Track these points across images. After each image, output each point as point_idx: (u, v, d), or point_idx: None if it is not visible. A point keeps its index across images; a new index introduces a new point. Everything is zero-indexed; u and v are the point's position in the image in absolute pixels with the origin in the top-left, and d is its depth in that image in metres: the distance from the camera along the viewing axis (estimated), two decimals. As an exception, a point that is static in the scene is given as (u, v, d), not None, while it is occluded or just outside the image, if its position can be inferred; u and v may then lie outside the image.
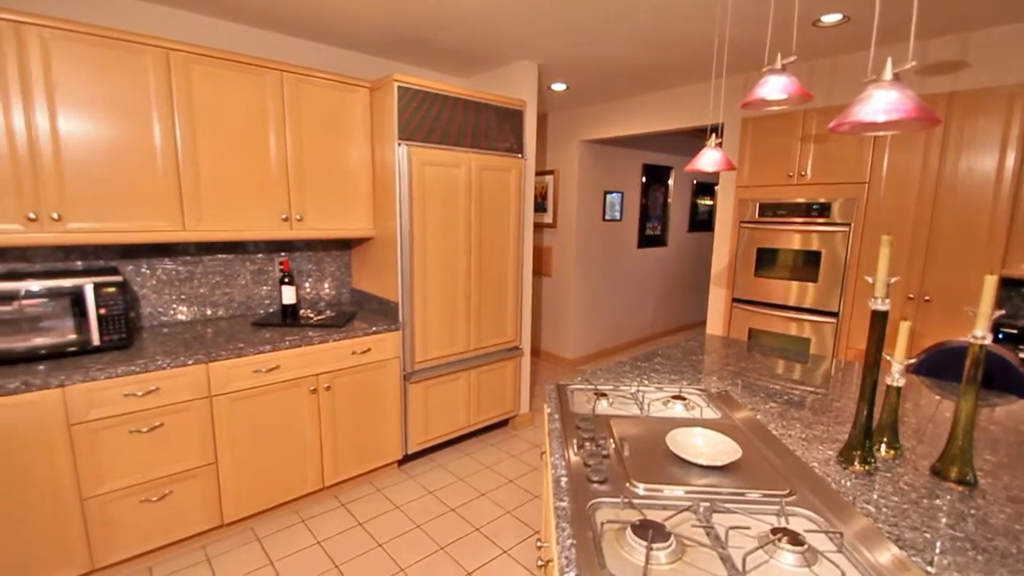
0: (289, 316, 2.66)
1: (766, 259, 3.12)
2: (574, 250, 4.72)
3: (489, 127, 2.94)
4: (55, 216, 1.96)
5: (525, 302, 3.40)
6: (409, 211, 2.63)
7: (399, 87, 2.54)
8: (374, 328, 2.61)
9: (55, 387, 1.80)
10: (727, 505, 1.06)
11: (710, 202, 6.41)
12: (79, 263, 2.32)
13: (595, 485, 1.12)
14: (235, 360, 2.19)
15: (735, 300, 3.31)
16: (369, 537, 2.34)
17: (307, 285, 3.05)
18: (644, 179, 5.33)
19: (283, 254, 2.92)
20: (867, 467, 1.21)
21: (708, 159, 2.00)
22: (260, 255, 2.84)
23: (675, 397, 1.63)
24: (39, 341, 1.93)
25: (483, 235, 2.99)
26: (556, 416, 1.47)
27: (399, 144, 2.57)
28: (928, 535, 0.97)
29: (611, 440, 1.34)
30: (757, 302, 3.20)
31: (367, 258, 2.99)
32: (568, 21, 2.51)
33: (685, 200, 6.01)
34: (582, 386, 1.73)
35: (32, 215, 1.92)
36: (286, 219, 2.54)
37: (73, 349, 2.00)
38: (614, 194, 5.00)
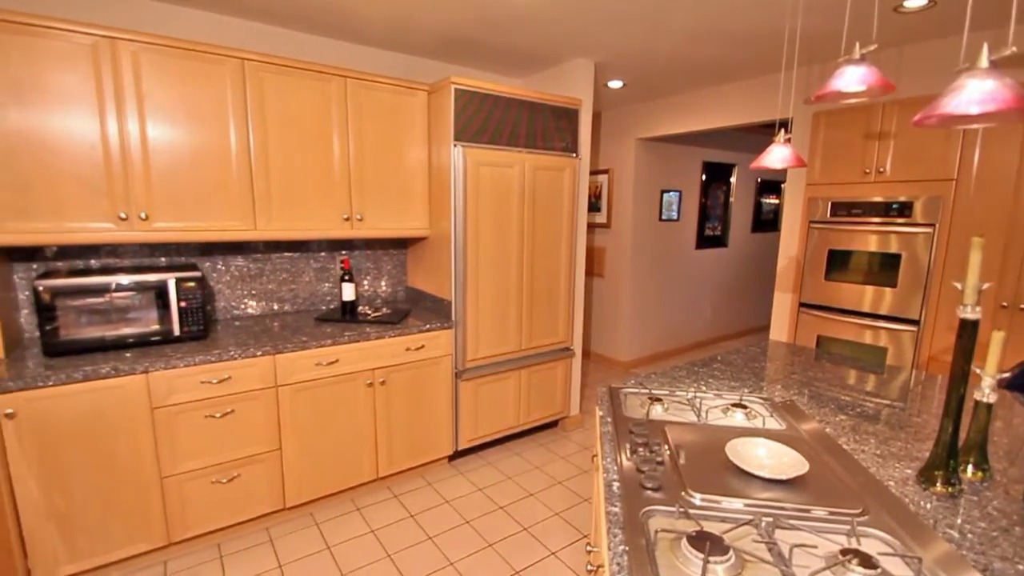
0: (348, 312, 2.77)
1: (838, 262, 2.93)
2: (629, 251, 4.62)
3: (544, 127, 2.94)
4: (143, 216, 2.13)
5: (577, 303, 3.37)
6: (463, 211, 2.67)
7: (456, 89, 2.58)
8: (428, 326, 2.67)
9: (140, 373, 1.97)
10: (792, 521, 1.00)
11: (776, 201, 6.10)
12: (163, 259, 2.51)
13: (649, 492, 1.09)
14: (299, 353, 2.30)
15: (802, 305, 3.13)
16: (420, 529, 2.39)
17: (365, 283, 3.16)
18: (704, 177, 5.15)
19: (344, 253, 3.04)
20: (950, 489, 1.11)
21: (776, 156, 1.90)
22: (323, 253, 2.97)
23: (735, 405, 1.56)
24: (127, 330, 2.11)
25: (536, 235, 2.99)
26: (608, 419, 1.44)
27: (455, 145, 2.62)
28: (1022, 567, 0.88)
29: (666, 447, 1.30)
30: (827, 307, 3.01)
31: (422, 257, 3.07)
32: (626, 16, 2.46)
33: (748, 199, 5.75)
34: (635, 390, 1.69)
35: (123, 215, 2.10)
36: (347, 219, 2.64)
37: (156, 338, 2.18)
38: (671, 193, 4.86)
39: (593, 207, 4.91)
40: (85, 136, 1.99)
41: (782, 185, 6.09)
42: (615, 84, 3.70)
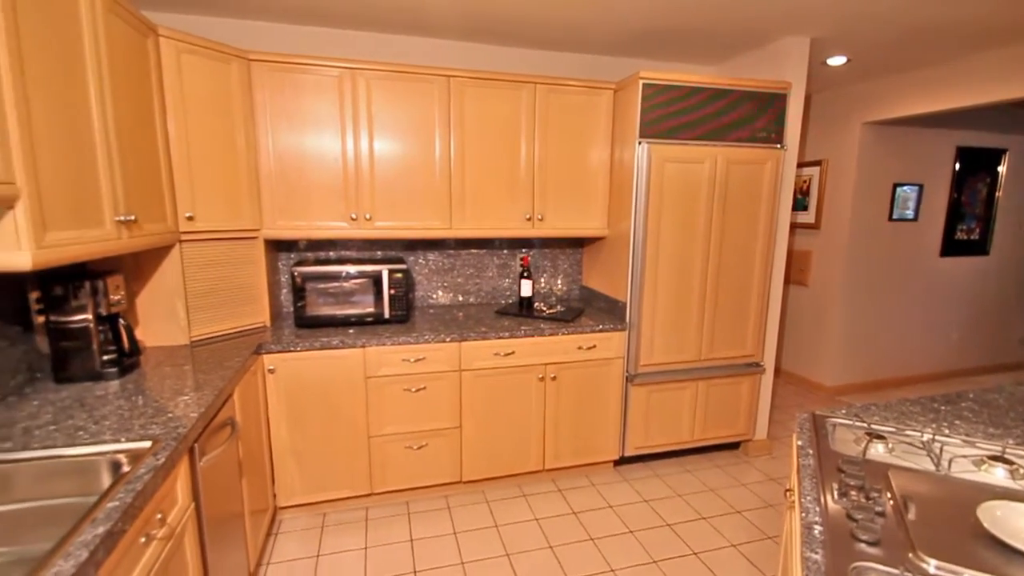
0: (525, 307, 2.90)
1: None
2: (843, 256, 3.93)
3: (742, 116, 2.66)
4: (367, 216, 2.53)
5: (772, 314, 2.98)
6: (644, 211, 2.57)
7: (644, 84, 2.49)
8: (600, 326, 2.64)
9: (359, 347, 2.34)
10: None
11: (1073, 196, 4.57)
12: (378, 253, 2.95)
13: (862, 545, 0.90)
14: (480, 342, 2.49)
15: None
16: (582, 528, 2.39)
17: (542, 280, 3.27)
18: (957, 167, 4.11)
19: (524, 251, 3.20)
20: None
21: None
22: (505, 251, 3.16)
23: (995, 458, 1.20)
24: (351, 311, 2.53)
25: (725, 236, 2.73)
26: (810, 451, 1.24)
27: (639, 143, 2.53)
28: None
29: (888, 495, 1.06)
30: None
31: (598, 257, 3.05)
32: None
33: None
34: (848, 421, 1.42)
35: (354, 215, 2.52)
36: (529, 219, 2.76)
37: (370, 319, 2.57)
38: (908, 187, 3.99)
39: (799, 205, 4.30)
40: (331, 151, 2.44)
41: (1088, 174, 4.52)
42: (836, 61, 3.17)
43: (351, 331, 2.45)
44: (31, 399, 1.56)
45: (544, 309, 2.90)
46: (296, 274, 2.44)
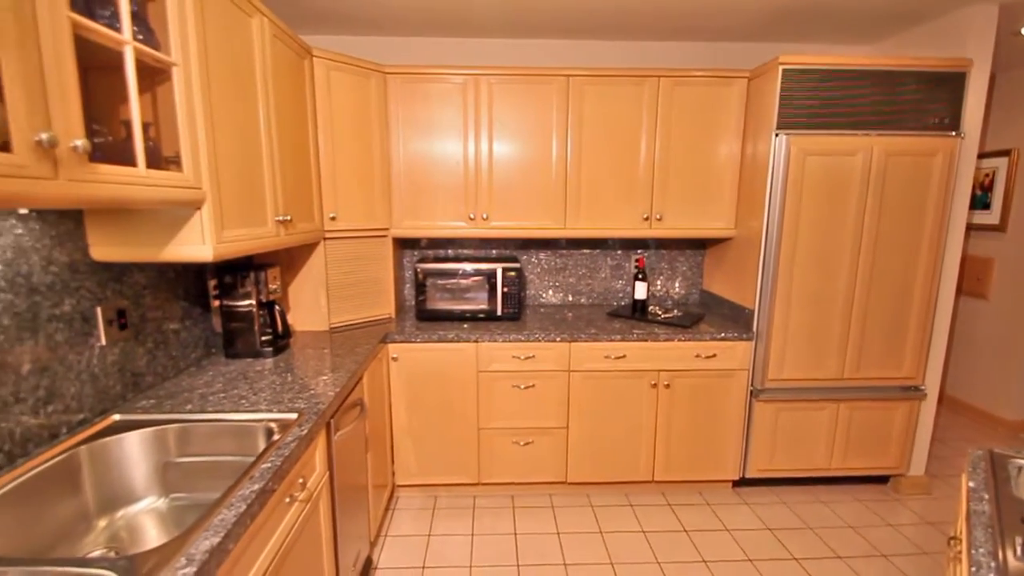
0: (639, 311, 2.79)
1: None
2: (1037, 265, 3.23)
3: (905, 101, 2.30)
4: (484, 216, 2.63)
5: (939, 330, 2.54)
6: (780, 209, 2.34)
7: (784, 70, 2.27)
8: (723, 334, 2.46)
9: (472, 342, 2.43)
10: None
11: None
12: (493, 252, 3.05)
13: (1059, 624, 0.73)
14: (590, 344, 2.45)
15: None
16: (693, 549, 2.24)
17: (658, 283, 3.13)
18: None
19: (639, 251, 3.08)
20: None
21: None
22: (619, 252, 3.08)
23: None
24: (466, 307, 2.65)
25: (880, 237, 2.38)
26: (985, 495, 1.03)
27: (776, 134, 2.31)
28: None
29: (1101, 565, 0.84)
30: None
31: (722, 259, 2.84)
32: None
33: None
34: (1040, 466, 1.16)
35: (472, 215, 2.63)
36: (646, 218, 2.66)
37: (483, 315, 2.66)
38: None
39: (978, 202, 3.61)
40: (453, 155, 2.58)
41: None
42: (1037, 28, 2.60)
43: (465, 326, 2.56)
44: (207, 370, 1.85)
45: (659, 313, 2.78)
46: (419, 270, 2.61)
